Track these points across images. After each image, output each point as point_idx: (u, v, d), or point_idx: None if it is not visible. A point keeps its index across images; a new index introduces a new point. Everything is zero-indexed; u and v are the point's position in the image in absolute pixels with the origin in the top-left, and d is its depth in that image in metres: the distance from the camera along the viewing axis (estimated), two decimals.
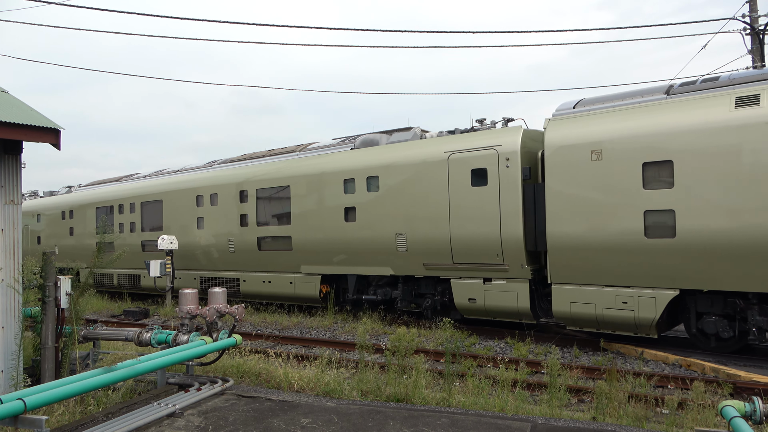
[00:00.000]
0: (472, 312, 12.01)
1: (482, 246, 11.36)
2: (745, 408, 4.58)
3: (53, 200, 23.80)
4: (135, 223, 19.43)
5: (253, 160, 16.86)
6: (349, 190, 13.59)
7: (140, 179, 20.69)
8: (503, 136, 11.43)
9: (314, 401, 6.72)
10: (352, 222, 13.42)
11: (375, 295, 13.68)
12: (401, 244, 12.55)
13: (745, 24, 16.06)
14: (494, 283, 11.52)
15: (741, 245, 8.61)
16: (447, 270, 12.07)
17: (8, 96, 7.16)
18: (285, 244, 14.92)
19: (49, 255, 7.01)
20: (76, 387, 5.24)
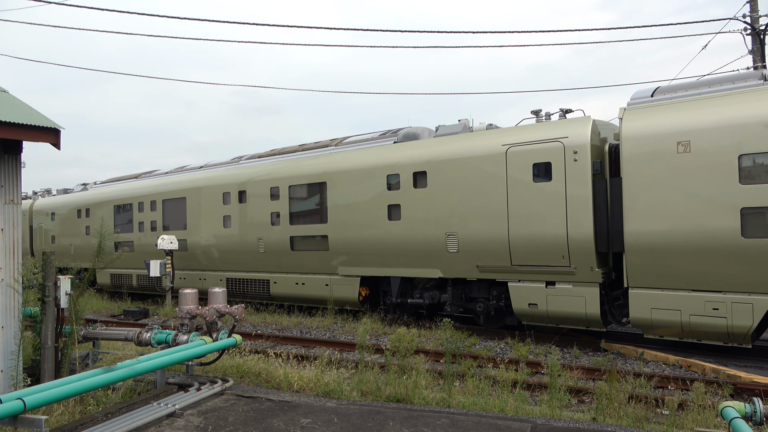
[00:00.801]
0: (533, 318, 11.13)
1: (545, 247, 10.53)
2: (746, 409, 4.57)
3: (68, 198, 23.10)
4: (156, 221, 18.58)
5: (283, 155, 16.04)
6: (393, 187, 12.77)
7: (161, 176, 19.85)
8: (570, 127, 10.54)
9: (314, 401, 6.71)
10: (396, 220, 12.62)
11: (421, 299, 12.87)
12: (452, 245, 11.73)
13: (745, 24, 16.05)
14: (559, 287, 10.60)
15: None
16: (504, 272, 11.22)
17: (8, 96, 7.15)
18: (320, 243, 14.10)
19: (49, 255, 7.00)
20: (75, 387, 5.24)
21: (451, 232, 11.74)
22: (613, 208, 10.00)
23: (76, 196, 22.59)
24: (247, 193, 15.72)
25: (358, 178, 13.36)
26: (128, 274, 19.86)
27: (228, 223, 16.27)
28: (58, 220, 22.93)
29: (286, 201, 14.79)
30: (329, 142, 15.31)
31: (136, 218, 19.31)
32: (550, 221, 10.47)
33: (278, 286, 15.32)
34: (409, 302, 13.09)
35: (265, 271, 15.61)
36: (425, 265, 12.34)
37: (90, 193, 22.13)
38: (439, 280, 12.55)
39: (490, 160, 11.29)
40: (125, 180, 21.64)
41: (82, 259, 20.42)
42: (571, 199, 10.27)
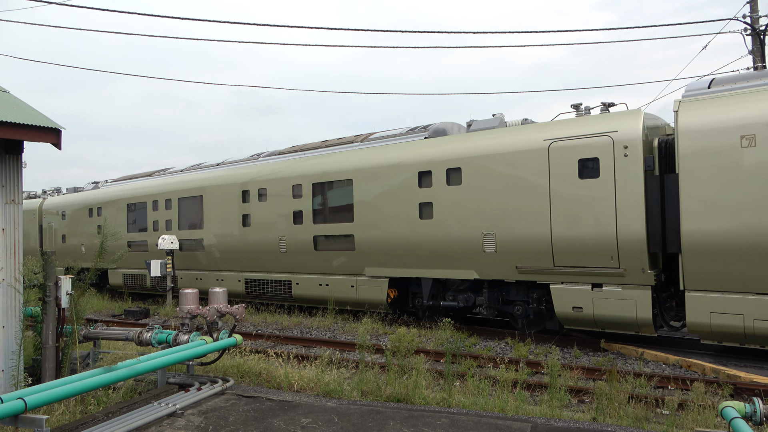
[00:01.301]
0: (577, 322, 10.60)
1: (592, 247, 10.00)
2: (746, 409, 4.58)
3: (79, 197, 22.50)
4: (171, 220, 17.95)
5: (306, 152, 15.46)
6: (424, 184, 12.20)
7: (176, 174, 19.25)
8: (619, 121, 10.00)
9: (314, 401, 6.72)
10: (427, 219, 12.06)
11: (455, 302, 12.33)
12: (489, 245, 11.16)
13: (745, 24, 16.04)
14: (606, 290, 10.05)
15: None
16: (546, 274, 10.68)
17: (9, 96, 7.16)
18: (346, 243, 13.54)
19: (50, 254, 7.02)
20: (76, 386, 5.25)
21: (487, 231, 11.19)
22: (667, 206, 9.48)
23: (87, 195, 22.10)
24: (267, 191, 15.24)
25: (387, 175, 12.82)
26: (142, 274, 19.27)
27: (247, 222, 15.76)
28: (69, 219, 22.42)
29: (309, 199, 14.24)
30: (353, 138, 14.79)
31: (150, 217, 18.75)
32: (597, 220, 9.96)
33: (300, 287, 14.79)
34: (442, 305, 12.52)
35: (287, 272, 15.06)
36: (459, 265, 11.78)
37: (102, 191, 21.61)
38: (474, 281, 12.03)
39: (530, 156, 10.72)
40: (138, 178, 21.06)
41: (93, 259, 20.25)
42: (621, 196, 9.74)
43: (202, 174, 17.73)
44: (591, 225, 10.03)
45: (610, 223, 9.82)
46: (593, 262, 10.08)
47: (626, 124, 9.88)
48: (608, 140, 9.92)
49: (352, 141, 14.57)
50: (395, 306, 13.49)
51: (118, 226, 19.80)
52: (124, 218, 19.80)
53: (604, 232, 9.87)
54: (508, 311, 11.92)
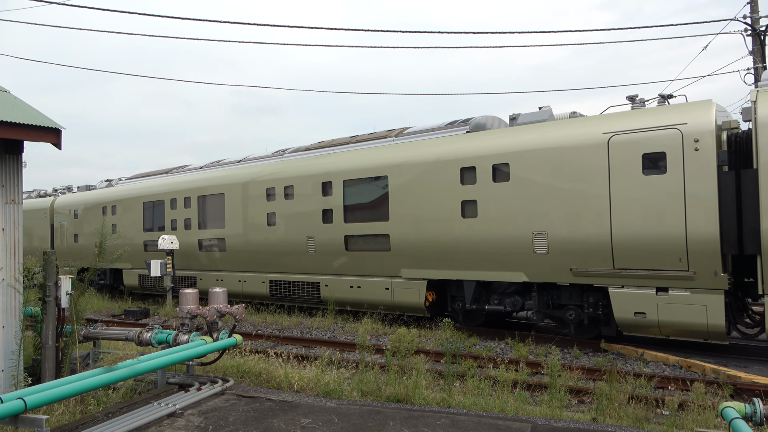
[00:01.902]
0: (639, 329, 9.97)
1: (658, 248, 9.32)
2: (746, 409, 4.57)
3: (92, 195, 21.85)
4: (191, 219, 17.31)
5: (335, 147, 14.76)
6: (467, 181, 11.46)
7: (195, 171, 18.58)
8: (689, 112, 9.32)
9: (314, 401, 6.72)
10: (471, 218, 11.37)
11: (501, 305, 11.64)
12: (540, 245, 10.50)
13: (746, 25, 16.05)
14: (673, 294, 9.38)
15: None
16: (604, 277, 10.02)
17: (9, 95, 7.16)
18: (381, 243, 12.88)
19: (50, 254, 7.01)
20: (76, 386, 5.24)
21: (539, 231, 10.51)
22: (744, 204, 8.81)
23: (101, 193, 21.48)
24: (294, 189, 14.59)
25: (426, 171, 12.13)
26: (159, 275, 18.52)
27: (272, 221, 15.12)
28: (82, 217, 21.77)
29: (340, 197, 13.58)
30: (386, 133, 14.15)
31: (168, 216, 18.06)
32: (664, 219, 9.28)
33: (330, 289, 14.13)
34: (487, 309, 11.82)
35: (315, 273, 14.39)
36: (506, 267, 11.10)
37: (116, 189, 20.96)
38: (521, 284, 11.35)
39: (588, 151, 10.04)
40: (155, 176, 20.35)
41: (107, 259, 19.88)
42: (691, 193, 9.06)
43: (223, 171, 17.11)
44: (656, 224, 9.35)
45: (679, 222, 9.16)
46: (659, 265, 9.40)
47: (697, 116, 9.19)
48: (676, 133, 9.24)
49: (386, 136, 13.93)
50: (432, 310, 12.79)
51: (134, 225, 19.32)
52: (140, 217, 19.15)
53: (671, 232, 9.21)
54: (559, 316, 11.26)
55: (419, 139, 13.01)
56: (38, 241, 23.42)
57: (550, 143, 10.55)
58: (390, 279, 12.94)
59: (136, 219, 19.31)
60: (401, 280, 12.74)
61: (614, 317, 10.15)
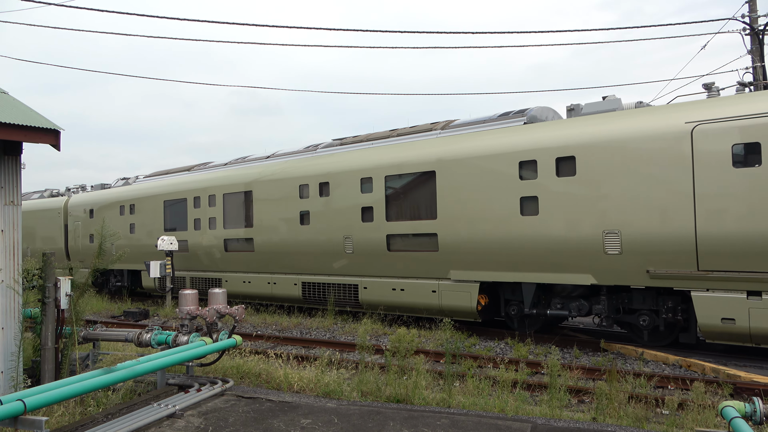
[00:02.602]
0: (726, 336, 9.16)
1: (751, 248, 8.56)
2: (746, 408, 4.58)
3: (109, 193, 21.07)
4: (215, 218, 16.53)
5: (373, 141, 13.97)
6: (527, 175, 10.71)
7: (219, 168, 17.79)
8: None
9: (314, 402, 6.72)
10: (531, 215, 10.60)
11: (564, 310, 10.86)
12: (612, 245, 9.74)
13: (744, 24, 16.06)
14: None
15: None
16: (686, 279, 9.24)
17: (8, 97, 7.16)
18: (427, 243, 12.11)
19: (49, 256, 7.01)
20: (75, 388, 5.24)
21: (610, 229, 9.74)
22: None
23: (118, 191, 20.69)
24: (330, 186, 13.77)
25: (479, 166, 11.30)
26: (180, 276, 18.02)
27: (306, 219, 14.34)
28: (97, 217, 20.87)
29: (381, 193, 12.76)
30: (430, 126, 13.32)
31: (190, 215, 17.27)
32: (758, 216, 8.49)
33: (369, 292, 13.32)
34: (549, 314, 11.05)
35: (353, 275, 13.61)
36: (571, 269, 10.27)
37: (135, 187, 20.15)
38: (588, 287, 10.57)
39: (668, 142, 9.27)
40: (175, 173, 19.53)
41: (126, 260, 19.04)
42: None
43: (250, 167, 16.27)
44: (749, 222, 8.57)
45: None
46: (752, 266, 8.60)
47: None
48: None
49: (430, 129, 13.12)
50: (483, 315, 11.98)
51: (154, 224, 18.57)
52: (160, 216, 18.33)
53: (767, 230, 8.42)
54: (630, 322, 10.50)
55: (469, 131, 12.17)
56: (51, 242, 22.84)
57: (623, 134, 9.76)
58: (437, 281, 12.15)
59: (156, 218, 18.51)
60: (450, 282, 11.93)
61: (697, 323, 9.44)
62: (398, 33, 14.65)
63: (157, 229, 18.43)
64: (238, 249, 16.15)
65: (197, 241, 17.07)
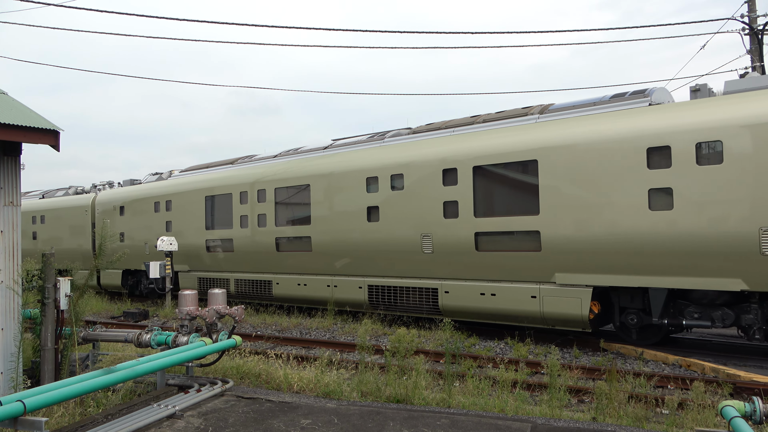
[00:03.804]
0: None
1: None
2: (745, 408, 4.58)
3: (142, 189, 19.75)
4: (266, 215, 15.23)
5: (454, 129, 12.57)
6: (657, 164, 9.36)
7: (267, 160, 16.42)
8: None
9: (314, 402, 6.72)
10: (662, 210, 9.26)
11: (705, 320, 9.46)
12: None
13: (743, 24, 16.08)
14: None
15: None
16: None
17: (7, 97, 7.16)
18: (526, 242, 10.77)
19: (48, 256, 7.01)
20: (75, 388, 5.24)
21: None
22: None
23: (153, 186, 19.35)
24: (404, 178, 12.44)
25: (591, 154, 9.99)
26: (224, 278, 16.84)
27: (374, 215, 12.98)
28: (129, 214, 19.77)
29: (468, 186, 11.44)
30: (524, 111, 11.96)
31: (236, 211, 16.01)
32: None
33: (451, 297, 11.95)
34: (686, 324, 9.68)
35: (432, 278, 12.26)
36: (714, 272, 8.92)
37: (171, 182, 18.80)
38: (734, 294, 9.23)
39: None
40: (217, 167, 18.16)
41: (160, 259, 17.82)
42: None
43: (306, 160, 14.99)
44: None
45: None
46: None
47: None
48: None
49: (524, 114, 11.74)
50: (595, 324, 10.62)
51: (194, 222, 17.31)
52: (201, 213, 17.05)
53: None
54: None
55: (577, 115, 10.79)
56: (78, 241, 21.61)
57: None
58: (538, 285, 10.74)
59: (197, 215, 17.17)
60: (554, 286, 10.52)
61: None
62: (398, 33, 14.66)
63: (197, 226, 17.19)
64: (292, 249, 14.83)
65: (244, 240, 15.81)
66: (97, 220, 21.18)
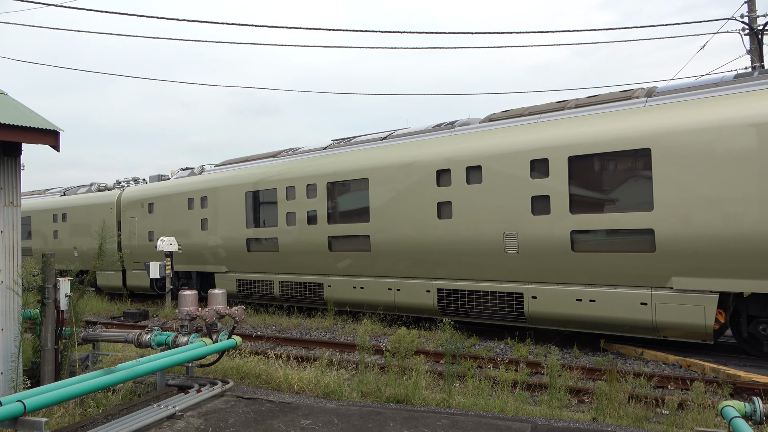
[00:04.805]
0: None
1: None
2: (746, 408, 4.58)
3: (173, 185, 18.62)
4: (316, 212, 14.08)
5: (539, 115, 11.29)
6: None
7: (316, 153, 15.17)
8: None
9: (314, 402, 6.72)
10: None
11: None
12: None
13: (743, 24, 16.08)
14: None
15: None
16: None
17: (7, 98, 7.16)
18: (636, 241, 9.53)
19: (48, 257, 7.01)
20: (75, 389, 5.24)
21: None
22: None
23: (186, 182, 18.16)
24: (483, 170, 11.26)
25: (725, 140, 8.70)
26: (267, 280, 15.72)
27: (446, 212, 11.82)
28: (159, 211, 18.64)
29: (562, 179, 10.24)
30: (624, 94, 10.64)
31: (281, 208, 14.88)
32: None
33: (540, 303, 10.74)
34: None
35: (516, 281, 11.05)
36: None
37: (207, 177, 17.58)
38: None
39: None
40: (257, 160, 16.88)
41: (196, 261, 17.35)
42: None
43: (364, 151, 13.79)
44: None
45: None
46: None
47: None
48: None
49: (627, 97, 10.41)
50: (721, 334, 9.74)
51: (233, 219, 16.16)
52: (242, 210, 15.91)
53: None
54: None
55: (695, 97, 9.52)
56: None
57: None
58: (649, 290, 9.58)
59: (237, 212, 16.03)
60: (671, 292, 9.35)
61: None
62: (398, 33, 14.65)
63: (236, 224, 16.06)
64: (347, 248, 13.68)
65: (290, 239, 14.68)
66: (122, 218, 20.21)
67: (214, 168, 18.26)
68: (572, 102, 11.22)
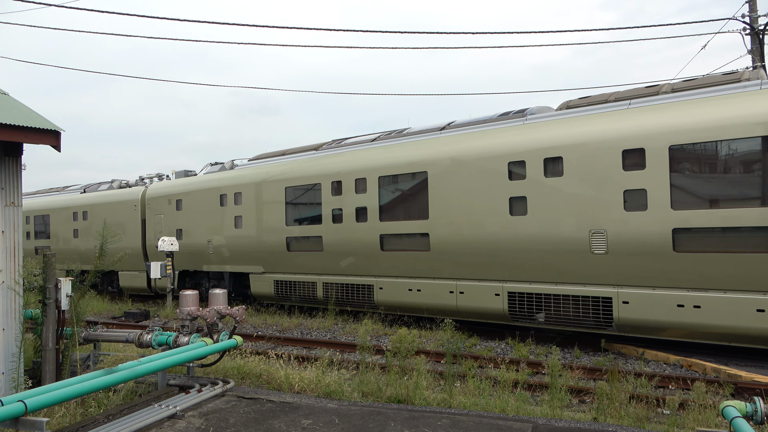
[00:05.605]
0: None
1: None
2: (747, 408, 4.58)
3: (202, 180, 17.60)
4: (366, 208, 13.15)
5: (629, 101, 10.29)
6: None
7: (363, 145, 14.23)
8: None
9: (315, 402, 6.72)
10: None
11: None
12: None
13: (744, 24, 16.07)
14: None
15: None
16: None
17: (8, 98, 7.17)
18: (756, 241, 8.60)
19: (49, 256, 7.02)
20: (76, 389, 5.25)
21: None
22: None
23: (217, 177, 17.18)
24: (563, 163, 10.31)
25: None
26: (309, 281, 14.69)
27: (519, 208, 10.89)
28: (188, 208, 17.68)
29: (661, 171, 9.28)
30: (728, 77, 9.69)
31: (326, 204, 13.94)
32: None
33: (633, 309, 9.75)
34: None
35: (604, 284, 10.09)
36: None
37: (240, 172, 16.52)
38: None
39: None
40: (296, 153, 15.86)
41: (226, 260, 16.54)
42: None
43: (421, 143, 12.80)
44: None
45: None
46: None
47: None
48: None
49: (736, 80, 9.45)
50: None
51: (270, 216, 15.28)
52: (281, 206, 14.99)
53: None
54: None
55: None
56: (126, 239, 18.97)
57: None
58: (767, 296, 8.63)
59: (275, 209, 15.11)
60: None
61: None
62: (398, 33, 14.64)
63: (275, 222, 15.15)
64: (401, 248, 12.72)
65: (336, 238, 13.74)
66: (147, 216, 19.18)
67: (247, 162, 17.28)
68: (668, 86, 10.25)
